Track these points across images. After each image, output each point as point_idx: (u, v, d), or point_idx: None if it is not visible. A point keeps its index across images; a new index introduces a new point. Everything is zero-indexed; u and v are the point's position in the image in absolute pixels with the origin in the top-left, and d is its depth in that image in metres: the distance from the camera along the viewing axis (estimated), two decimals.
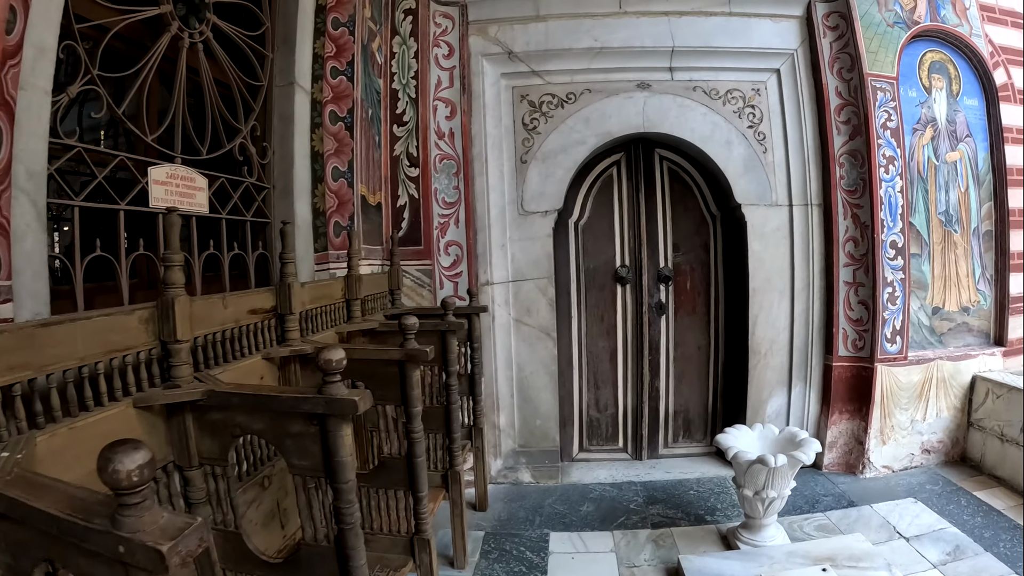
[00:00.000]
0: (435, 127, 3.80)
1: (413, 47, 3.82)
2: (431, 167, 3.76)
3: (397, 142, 3.77)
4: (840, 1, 3.93)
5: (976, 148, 4.36)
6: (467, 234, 3.75)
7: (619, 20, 3.88)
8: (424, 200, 3.73)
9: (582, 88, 3.91)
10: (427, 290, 3.74)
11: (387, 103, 3.78)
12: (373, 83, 3.61)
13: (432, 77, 3.83)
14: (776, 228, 3.95)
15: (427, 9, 3.85)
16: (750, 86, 3.98)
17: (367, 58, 3.51)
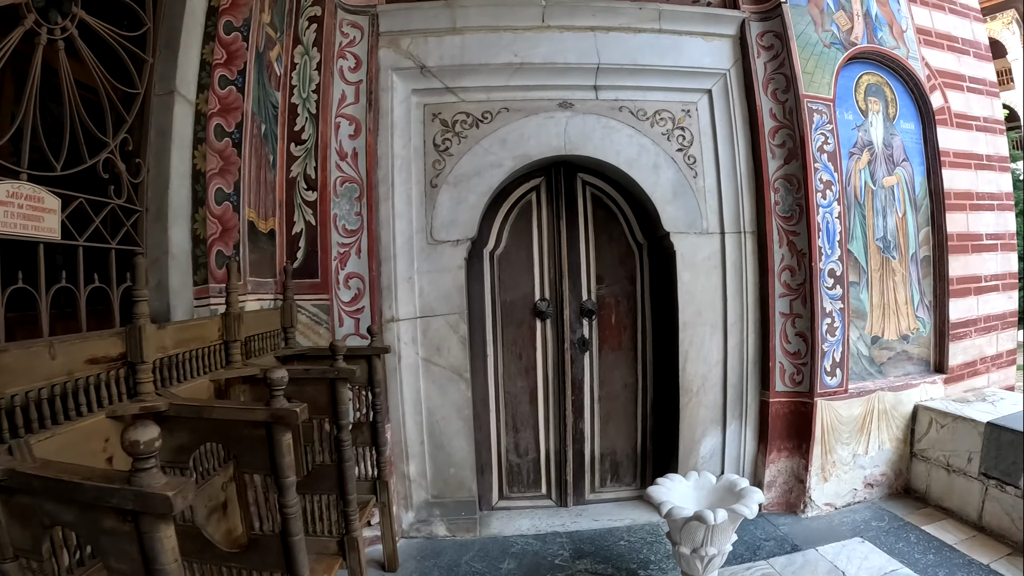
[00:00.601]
0: (337, 146, 3.45)
1: (316, 58, 3.46)
2: (331, 191, 3.40)
3: (294, 162, 3.40)
4: (775, 20, 3.73)
5: (913, 172, 4.29)
6: (370, 265, 3.41)
7: (541, 34, 3.59)
8: (322, 227, 3.38)
9: (499, 107, 3.61)
10: (325, 327, 3.38)
11: (285, 119, 3.41)
12: (269, 96, 3.26)
13: (336, 91, 3.48)
14: (707, 257, 3.71)
15: (333, 17, 3.50)
16: (680, 107, 3.74)
17: (262, 67, 3.18)
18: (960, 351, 4.35)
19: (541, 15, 3.58)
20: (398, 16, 3.59)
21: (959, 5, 4.84)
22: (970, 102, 4.80)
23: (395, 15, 3.59)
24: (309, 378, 2.56)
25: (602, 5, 3.60)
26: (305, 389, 2.46)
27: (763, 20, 3.77)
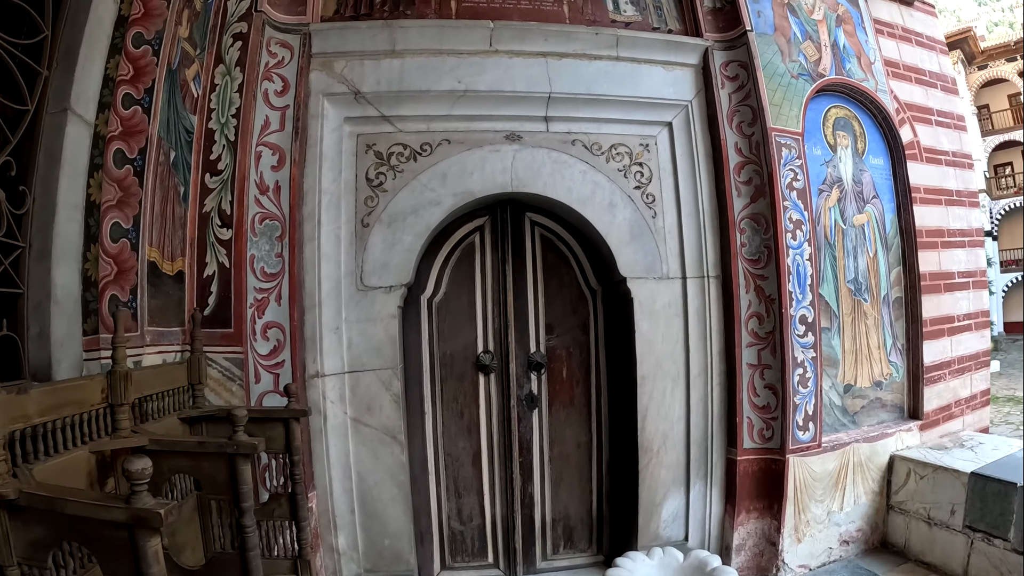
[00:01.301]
0: (257, 178, 3.06)
1: (239, 79, 3.08)
2: (248, 228, 3.01)
3: (209, 195, 3.01)
4: (740, 50, 3.49)
5: (884, 210, 4.12)
6: (291, 314, 3.01)
7: (488, 60, 3.28)
8: (236, 270, 2.97)
9: (440, 138, 3.27)
10: (238, 384, 2.97)
11: (201, 146, 3.02)
12: (182, 119, 2.89)
13: (258, 117, 3.10)
14: (667, 304, 3.41)
15: (260, 34, 3.14)
16: (638, 141, 3.45)
17: (175, 86, 2.82)
18: (935, 395, 4.17)
19: (489, 38, 3.27)
20: (332, 36, 3.25)
21: (925, 38, 4.73)
22: (939, 136, 4.69)
23: (329, 35, 3.25)
24: (204, 452, 2.17)
25: (555, 29, 3.30)
26: (201, 464, 2.08)
27: (727, 49, 3.53)
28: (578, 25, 3.36)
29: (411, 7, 3.36)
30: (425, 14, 3.35)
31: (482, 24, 3.27)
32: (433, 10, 3.35)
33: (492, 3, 3.37)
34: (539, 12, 3.37)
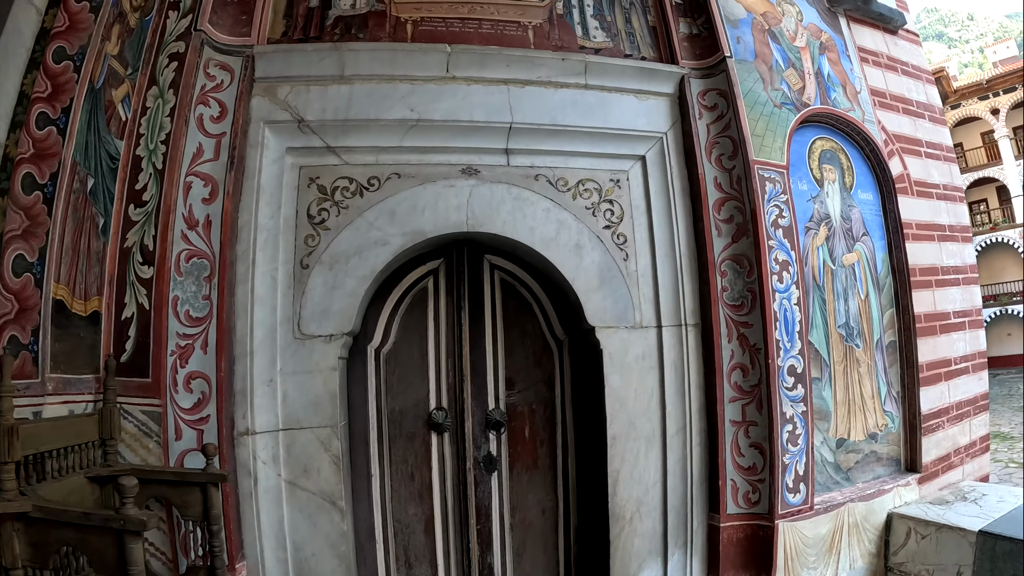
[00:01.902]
0: (184, 211, 2.75)
1: (171, 102, 2.80)
2: (172, 266, 2.68)
3: (132, 228, 2.71)
4: (719, 77, 3.25)
5: (874, 248, 3.86)
6: (219, 363, 2.67)
7: (444, 87, 3.01)
8: (157, 313, 2.64)
9: (390, 172, 2.98)
10: (155, 441, 2.62)
11: (126, 174, 2.74)
12: (105, 144, 2.62)
13: (190, 143, 2.79)
14: (641, 356, 3.09)
15: (198, 55, 2.86)
16: (608, 176, 3.17)
17: (98, 107, 2.56)
18: (933, 445, 3.88)
19: (446, 64, 3.00)
20: (277, 59, 2.98)
21: (911, 67, 4.56)
22: (929, 168, 4.48)
23: (274, 58, 2.98)
24: (91, 526, 1.86)
25: (518, 54, 3.05)
26: (88, 539, 1.81)
27: (705, 77, 3.28)
28: (543, 50, 3.11)
29: (364, 30, 3.11)
30: (379, 37, 3.09)
31: (439, 48, 3.00)
32: (388, 34, 3.10)
33: (451, 26, 3.11)
34: (501, 36, 3.12)
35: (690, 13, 3.38)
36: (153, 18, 2.87)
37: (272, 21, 3.12)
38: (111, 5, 2.57)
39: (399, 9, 3.11)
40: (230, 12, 3.04)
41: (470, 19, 3.11)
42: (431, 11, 3.10)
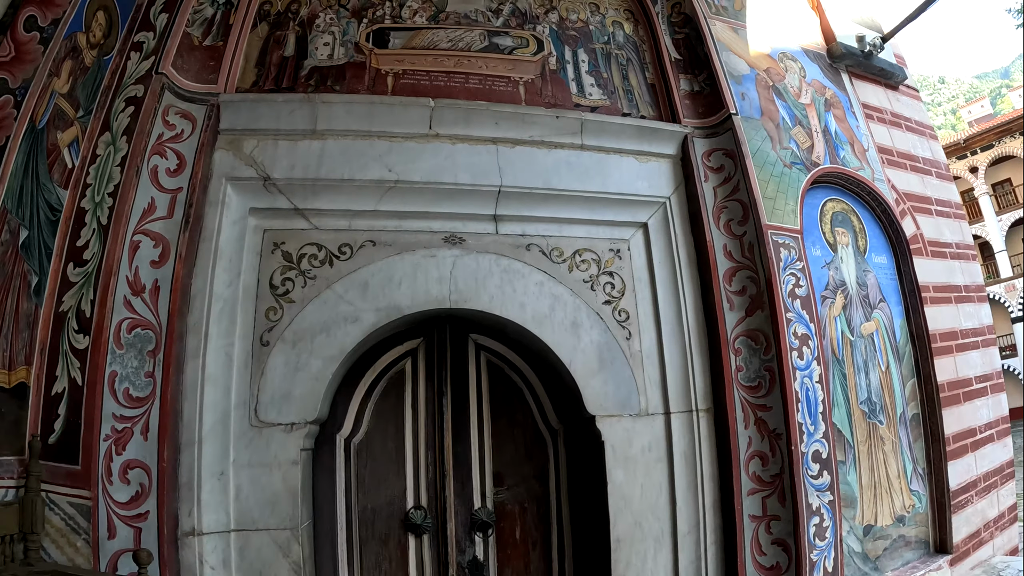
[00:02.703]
0: (129, 274, 2.39)
1: (123, 150, 2.50)
2: (110, 337, 2.31)
3: (69, 291, 2.35)
4: (725, 136, 3.02)
5: (892, 314, 3.58)
6: (161, 452, 2.27)
7: (427, 145, 2.74)
8: (90, 390, 2.25)
9: (363, 238, 2.67)
10: (84, 539, 2.20)
11: (68, 228, 2.42)
12: (45, 192, 2.36)
13: (140, 197, 2.46)
14: (647, 447, 2.75)
15: (157, 100, 2.56)
16: (607, 246, 2.88)
17: (40, 150, 2.32)
18: (963, 522, 3.56)
19: (428, 119, 2.73)
20: (244, 109, 2.71)
21: (914, 122, 4.43)
22: (940, 227, 4.28)
23: (240, 108, 2.71)
24: None
25: (508, 111, 2.79)
26: None
27: (710, 136, 3.05)
28: (536, 107, 2.86)
29: (341, 82, 2.86)
30: (356, 90, 2.84)
31: (421, 103, 2.74)
32: (366, 86, 2.85)
33: (435, 80, 2.87)
34: (490, 92, 2.88)
35: (691, 69, 3.17)
36: (114, 58, 2.63)
37: (243, 69, 2.87)
38: (63, 38, 2.34)
39: (379, 61, 2.86)
40: (197, 57, 2.78)
41: (456, 73, 2.87)
42: (414, 63, 2.86)
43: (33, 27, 2.23)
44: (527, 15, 3.15)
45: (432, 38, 2.95)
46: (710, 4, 3.32)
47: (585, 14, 3.26)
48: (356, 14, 2.99)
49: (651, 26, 3.29)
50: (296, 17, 3.00)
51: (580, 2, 3.28)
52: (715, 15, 3.28)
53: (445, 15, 3.04)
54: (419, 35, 2.95)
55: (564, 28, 3.17)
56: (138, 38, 2.68)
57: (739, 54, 3.25)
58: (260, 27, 2.97)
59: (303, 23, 2.98)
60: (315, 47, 2.92)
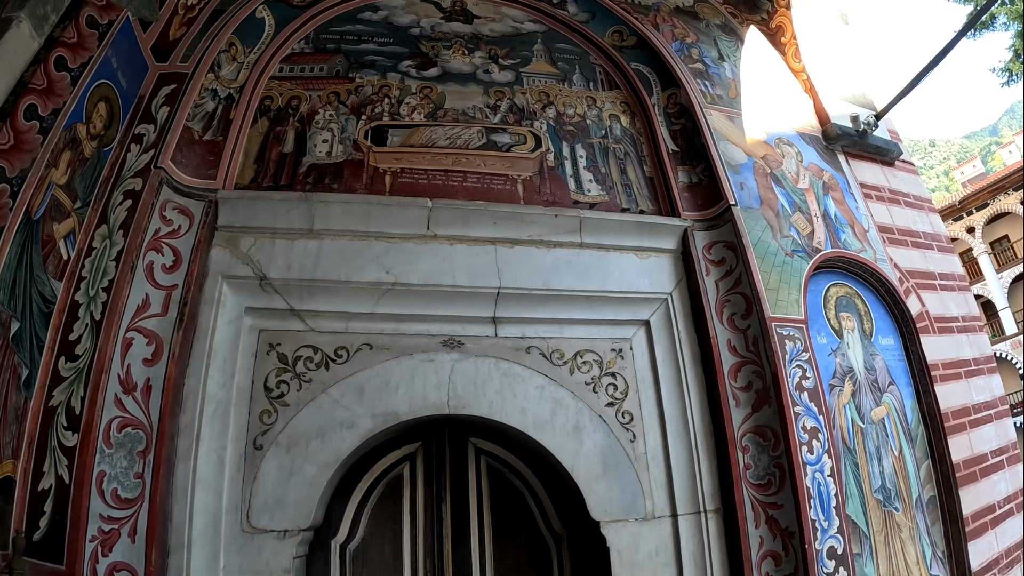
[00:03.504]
0: (121, 372, 2.32)
1: (119, 245, 2.47)
2: (100, 436, 2.22)
3: (60, 385, 2.27)
4: (725, 228, 2.99)
5: (902, 396, 3.47)
6: (149, 555, 2.15)
7: (424, 246, 2.71)
8: (77, 488, 2.15)
9: (360, 342, 2.62)
10: None
11: (60, 322, 2.35)
12: (39, 283, 2.28)
13: (134, 294, 2.42)
14: (654, 552, 2.63)
15: (155, 195, 2.55)
16: (609, 346, 2.82)
17: (34, 241, 2.24)
18: None
19: (426, 220, 2.71)
20: (242, 207, 2.69)
21: (913, 197, 4.42)
22: (946, 301, 4.22)
23: (238, 205, 2.69)
24: None
25: (506, 211, 2.78)
26: None
27: (710, 228, 3.03)
28: (534, 206, 2.85)
29: (339, 180, 2.86)
30: (354, 188, 2.83)
31: (419, 203, 2.72)
32: (364, 185, 2.84)
33: (434, 179, 2.86)
34: (488, 191, 2.87)
35: (688, 161, 3.18)
36: (114, 149, 2.61)
37: (242, 165, 2.87)
38: (63, 129, 2.30)
39: (378, 159, 2.86)
40: (197, 152, 2.79)
41: (454, 171, 2.87)
42: (412, 162, 2.86)
43: (33, 116, 2.16)
44: (524, 111, 3.17)
45: (430, 135, 2.97)
46: (705, 93, 3.36)
47: (582, 108, 3.29)
48: (355, 111, 3.02)
49: (648, 118, 3.31)
50: (296, 113, 3.02)
51: (577, 96, 3.32)
52: (711, 104, 3.31)
53: (443, 112, 3.06)
54: (417, 132, 2.96)
55: (561, 123, 3.19)
56: (139, 130, 2.69)
57: (736, 142, 3.26)
58: (260, 122, 2.99)
59: (303, 119, 3.00)
60: (314, 144, 2.93)
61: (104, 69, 2.48)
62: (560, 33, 3.51)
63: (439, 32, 3.31)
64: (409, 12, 3.34)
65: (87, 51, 2.36)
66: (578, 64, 3.47)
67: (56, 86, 2.20)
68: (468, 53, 3.28)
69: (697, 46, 3.57)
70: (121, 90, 2.62)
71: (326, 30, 3.26)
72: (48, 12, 2.17)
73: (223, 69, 3.01)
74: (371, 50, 3.19)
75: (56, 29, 2.21)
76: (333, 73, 3.12)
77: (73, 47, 2.27)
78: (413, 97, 3.09)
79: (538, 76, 3.32)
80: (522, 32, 3.43)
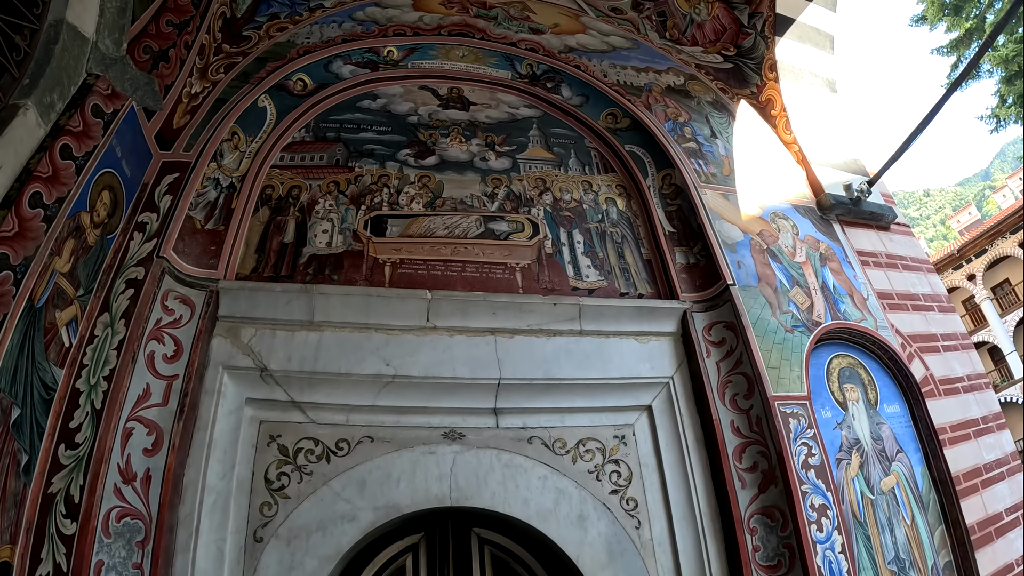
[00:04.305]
0: (120, 462, 2.31)
1: (121, 334, 2.47)
2: (98, 526, 2.19)
3: (59, 472, 2.24)
4: (724, 308, 3.01)
5: (911, 463, 3.42)
6: None
7: (424, 338, 2.73)
8: None
9: (361, 434, 2.61)
10: None
11: (61, 408, 2.33)
12: (40, 370, 2.26)
13: (135, 383, 2.42)
14: None
15: (157, 284, 2.57)
16: (612, 433, 2.81)
17: (36, 328, 2.24)
18: None
19: (426, 312, 2.74)
20: (243, 298, 2.71)
21: (910, 260, 4.44)
22: (950, 362, 4.20)
23: (239, 296, 2.71)
24: None
25: (505, 301, 2.80)
26: None
27: (709, 309, 3.04)
28: (533, 295, 2.87)
29: (339, 271, 2.89)
30: (354, 280, 2.86)
31: (418, 295, 2.75)
32: (364, 276, 2.88)
33: (433, 270, 2.90)
34: (487, 280, 2.90)
35: (685, 242, 3.21)
36: (117, 237, 2.63)
37: (243, 255, 2.91)
38: (67, 217, 2.31)
39: (377, 250, 2.91)
40: (199, 241, 2.83)
41: (453, 261, 2.91)
42: (411, 252, 2.90)
43: (38, 204, 2.14)
44: (522, 198, 3.23)
45: (429, 225, 3.02)
46: (700, 172, 3.42)
47: (578, 193, 3.36)
48: (354, 200, 3.08)
49: (643, 200, 3.36)
50: (297, 202, 3.08)
51: (573, 181, 3.39)
52: (705, 183, 3.37)
53: (442, 201, 3.12)
54: (416, 222, 3.02)
55: (558, 209, 3.25)
56: (142, 218, 2.73)
57: (731, 220, 3.30)
58: (261, 211, 3.04)
59: (303, 209, 3.05)
60: (314, 234, 2.98)
61: (109, 158, 2.51)
62: (555, 117, 3.61)
63: (436, 120, 3.41)
64: (407, 100, 3.44)
65: (92, 140, 2.38)
66: (573, 148, 3.55)
67: (61, 174, 2.21)
68: (465, 141, 3.37)
69: (690, 124, 3.66)
70: (125, 178, 2.66)
71: (326, 118, 3.35)
72: (55, 100, 2.19)
73: (225, 158, 3.07)
74: (370, 139, 3.28)
75: (62, 117, 2.23)
76: (333, 162, 3.19)
77: (78, 135, 2.29)
78: (412, 186, 3.16)
79: (534, 162, 3.40)
80: (518, 118, 3.53)
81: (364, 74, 3.43)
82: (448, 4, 3.57)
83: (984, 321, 21.37)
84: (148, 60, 2.75)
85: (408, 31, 3.51)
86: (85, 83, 2.32)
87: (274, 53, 3.28)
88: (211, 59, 3.10)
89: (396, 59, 3.49)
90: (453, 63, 3.57)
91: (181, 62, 2.92)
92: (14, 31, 2.10)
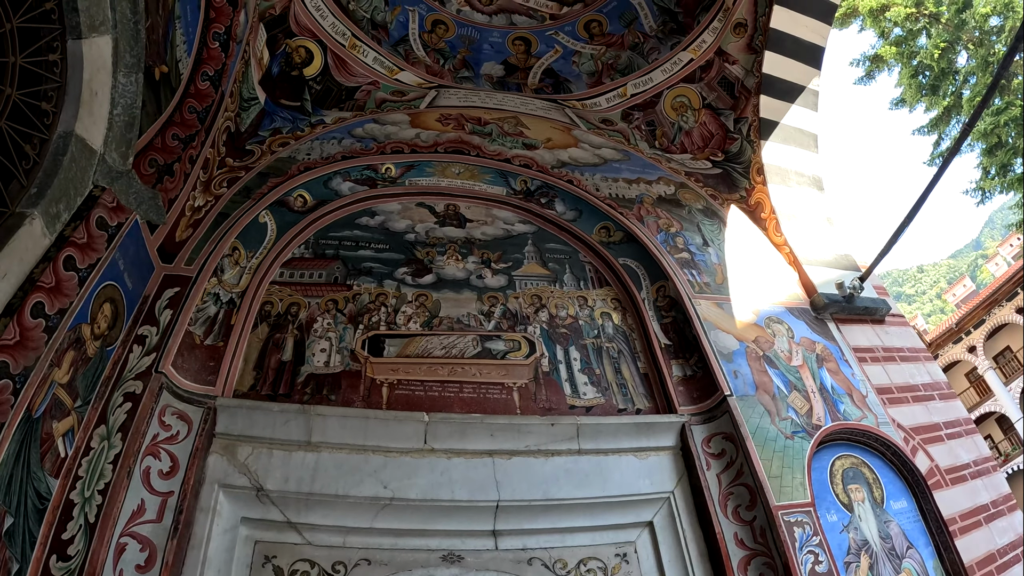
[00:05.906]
0: None
1: (117, 448, 2.45)
2: None
3: None
4: (723, 419, 3.01)
5: (923, 558, 3.34)
6: None
7: (422, 460, 2.73)
8: None
9: (358, 557, 2.58)
10: None
11: (55, 519, 2.29)
12: (35, 480, 2.23)
13: (130, 499, 2.40)
14: None
15: (155, 399, 2.57)
16: (613, 551, 2.78)
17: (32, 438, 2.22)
18: None
19: (423, 434, 2.75)
20: (240, 416, 2.72)
21: (907, 350, 4.45)
22: (955, 450, 4.15)
23: (237, 413, 2.72)
24: None
25: (502, 422, 2.82)
26: None
27: (707, 421, 3.05)
28: (530, 416, 2.89)
29: (336, 391, 2.91)
30: (351, 400, 2.88)
31: (415, 417, 2.76)
32: (361, 396, 2.90)
33: (430, 391, 2.93)
34: (484, 402, 2.92)
35: (681, 354, 3.25)
36: (116, 349, 2.63)
37: (241, 372, 2.93)
38: (68, 328, 2.31)
39: (375, 370, 2.94)
40: (198, 356, 2.85)
41: (450, 382, 2.94)
42: (408, 373, 2.93)
43: (40, 314, 2.14)
44: (518, 316, 3.30)
45: (426, 345, 3.07)
46: (693, 283, 3.49)
47: (574, 309, 3.43)
48: (352, 319, 3.13)
49: (639, 313, 3.42)
50: (295, 320, 3.12)
51: (568, 297, 3.47)
52: (699, 294, 3.44)
53: (439, 320, 3.19)
54: (413, 342, 3.06)
55: (554, 326, 3.31)
56: (142, 331, 2.74)
57: (726, 329, 3.34)
58: (260, 328, 3.08)
59: (302, 327, 3.10)
60: (312, 352, 3.01)
61: (111, 270, 2.53)
62: (550, 232, 3.73)
63: (433, 237, 3.52)
64: (405, 217, 3.57)
65: (96, 252, 2.39)
66: (568, 263, 3.66)
67: (64, 285, 2.22)
68: (462, 258, 3.47)
69: (682, 235, 3.77)
70: (126, 291, 2.67)
71: (325, 235, 3.45)
72: (61, 210, 2.19)
73: (226, 273, 3.12)
74: (368, 256, 3.37)
75: (67, 228, 2.23)
76: (331, 280, 3.27)
77: (83, 247, 2.30)
78: (409, 305, 3.23)
79: (530, 279, 3.49)
80: (513, 233, 3.65)
81: (363, 191, 3.57)
82: (444, 121, 3.76)
83: (989, 391, 21.11)
84: (153, 173, 2.80)
85: (405, 148, 3.68)
86: (91, 195, 2.34)
87: (276, 168, 3.39)
88: (215, 173, 3.18)
89: (394, 176, 3.64)
90: (449, 180, 3.73)
91: (185, 176, 2.98)
92: (24, 140, 2.12)
